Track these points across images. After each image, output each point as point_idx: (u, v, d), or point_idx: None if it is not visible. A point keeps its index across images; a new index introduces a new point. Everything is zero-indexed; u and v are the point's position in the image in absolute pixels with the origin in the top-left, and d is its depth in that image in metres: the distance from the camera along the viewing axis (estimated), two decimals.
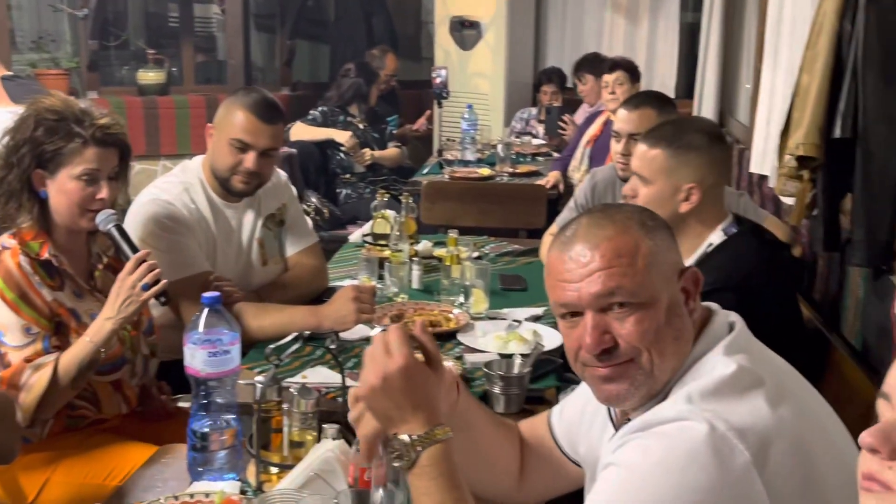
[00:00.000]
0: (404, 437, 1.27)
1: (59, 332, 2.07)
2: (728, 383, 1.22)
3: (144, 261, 2.06)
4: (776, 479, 1.16)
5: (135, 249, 2.13)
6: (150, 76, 6.53)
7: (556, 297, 1.32)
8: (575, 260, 1.28)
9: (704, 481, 1.14)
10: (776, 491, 1.16)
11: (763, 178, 3.45)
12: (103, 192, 2.09)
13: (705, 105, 4.94)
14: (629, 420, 1.30)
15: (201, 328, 1.67)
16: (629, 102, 2.98)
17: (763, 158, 3.34)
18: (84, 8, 6.36)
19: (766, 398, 1.21)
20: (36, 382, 1.96)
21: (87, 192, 2.08)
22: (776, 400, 1.21)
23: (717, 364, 1.25)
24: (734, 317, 1.35)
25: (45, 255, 2.08)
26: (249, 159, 2.50)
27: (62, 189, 2.08)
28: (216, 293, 1.70)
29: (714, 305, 1.37)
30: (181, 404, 2.42)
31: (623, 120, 2.88)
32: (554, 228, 3.25)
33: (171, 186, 2.57)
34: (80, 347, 2.01)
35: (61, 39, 6.68)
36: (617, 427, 1.35)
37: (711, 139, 2.18)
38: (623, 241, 1.28)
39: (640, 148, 2.17)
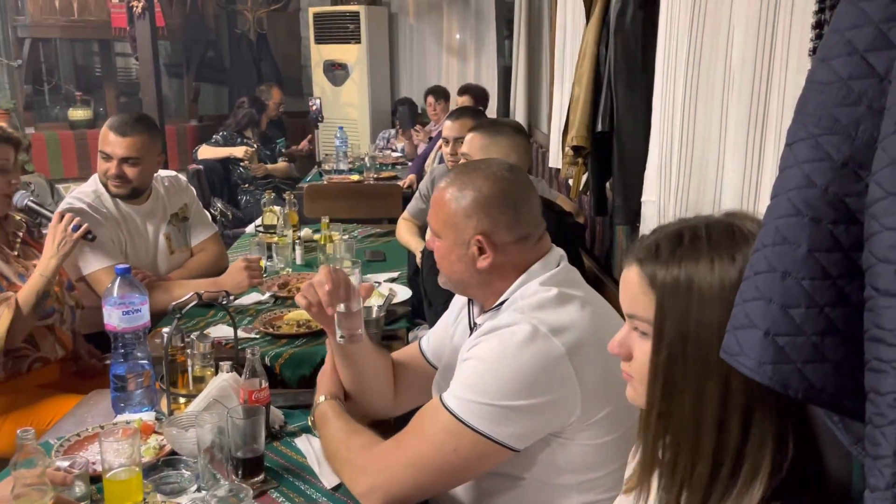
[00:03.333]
0: None
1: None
2: (548, 299, 1.28)
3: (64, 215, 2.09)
4: (584, 368, 1.23)
5: (50, 212, 2.16)
6: (79, 113, 6.21)
7: None
8: None
9: (530, 365, 1.21)
10: (583, 377, 1.22)
11: (558, 170, 3.58)
12: (12, 179, 2.07)
13: (518, 120, 5.07)
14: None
15: (115, 293, 1.62)
16: (452, 115, 3.05)
17: (557, 156, 3.46)
18: (18, 59, 5.97)
19: (577, 309, 1.28)
20: (3, 313, 1.91)
21: (2, 182, 2.04)
22: (583, 311, 1.28)
23: (539, 289, 1.30)
24: (562, 254, 1.41)
25: None
26: (112, 166, 2.43)
27: None
28: (127, 265, 1.66)
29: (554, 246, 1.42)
30: (107, 362, 2.35)
31: (448, 128, 2.94)
32: (406, 214, 3.30)
33: (83, 195, 2.46)
34: (34, 281, 1.99)
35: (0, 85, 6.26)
36: (472, 332, 1.40)
37: (516, 130, 2.26)
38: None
39: (467, 136, 2.23)
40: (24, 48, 6.15)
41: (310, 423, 1.52)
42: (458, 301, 1.57)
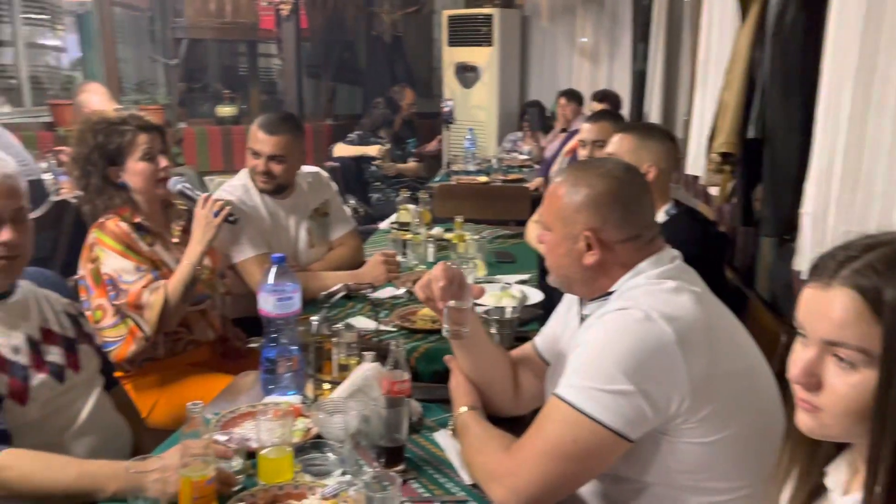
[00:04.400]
0: None
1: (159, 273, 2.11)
2: (661, 289, 1.28)
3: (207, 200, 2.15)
4: (693, 359, 1.21)
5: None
6: (226, 110, 6.56)
7: None
8: None
9: (639, 347, 1.21)
10: (692, 368, 1.21)
11: (695, 178, 3.47)
12: (164, 163, 2.15)
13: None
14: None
15: (271, 280, 1.70)
16: (592, 118, 3.01)
17: (695, 162, 3.36)
18: (175, 58, 6.40)
19: (690, 301, 1.27)
20: (154, 301, 2.01)
21: (151, 167, 2.12)
22: (698, 303, 1.27)
23: (649, 281, 1.31)
24: (677, 254, 1.40)
25: (137, 220, 2.13)
26: (260, 163, 2.53)
27: (135, 172, 2.12)
28: (282, 255, 1.74)
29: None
30: (252, 345, 2.47)
31: (587, 131, 2.91)
32: (536, 216, 3.29)
33: (232, 189, 2.59)
34: (181, 270, 2.07)
35: (157, 83, 6.73)
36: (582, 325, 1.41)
37: (666, 135, 2.21)
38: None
39: (615, 137, 2.20)
40: (181, 48, 6.60)
41: (450, 433, 1.55)
42: (569, 296, 1.57)
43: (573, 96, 5.71)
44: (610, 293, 1.35)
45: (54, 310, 1.65)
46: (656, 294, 1.27)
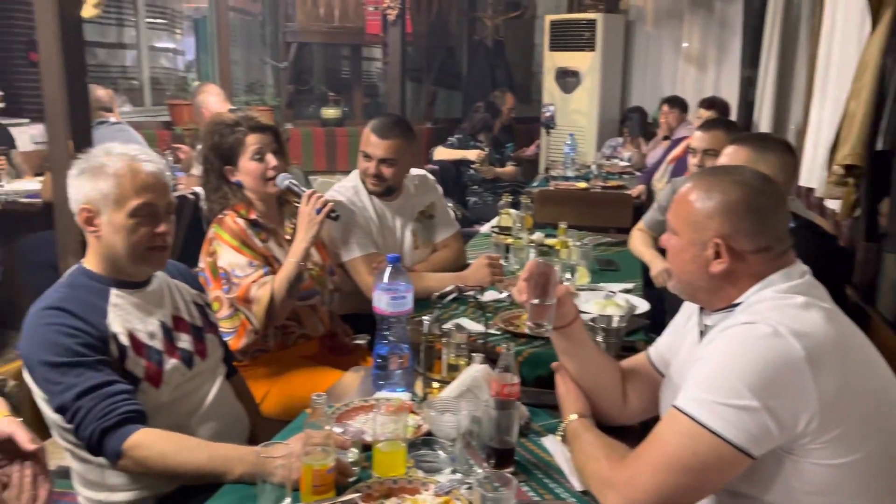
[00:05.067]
0: None
1: (271, 269, 2.18)
2: (791, 304, 1.25)
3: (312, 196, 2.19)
4: (823, 377, 1.17)
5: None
6: (330, 112, 6.74)
7: None
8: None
9: (767, 363, 1.17)
10: (822, 386, 1.17)
11: (809, 190, 3.34)
12: (273, 163, 2.21)
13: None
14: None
15: (386, 279, 1.74)
16: (704, 126, 2.94)
17: (810, 174, 3.23)
18: (284, 61, 6.63)
19: (821, 318, 1.23)
20: (261, 296, 2.08)
21: (261, 166, 2.20)
22: (828, 320, 1.23)
23: (778, 295, 1.27)
24: (807, 269, 1.35)
25: (253, 217, 2.21)
26: (371, 166, 2.58)
27: (246, 171, 2.21)
28: (397, 255, 1.78)
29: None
30: (358, 342, 2.54)
31: (698, 139, 2.84)
32: (641, 225, 3.24)
33: (343, 190, 2.66)
34: (287, 267, 2.13)
35: (266, 85, 6.99)
36: (702, 337, 1.38)
37: (786, 147, 2.13)
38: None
39: (729, 148, 2.14)
40: (291, 52, 6.84)
41: (559, 439, 1.55)
42: (688, 307, 1.54)
43: (677, 103, 5.60)
44: (735, 305, 1.31)
45: (184, 299, 1.75)
46: (785, 309, 1.23)
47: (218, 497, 1.35)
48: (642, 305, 2.38)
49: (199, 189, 3.53)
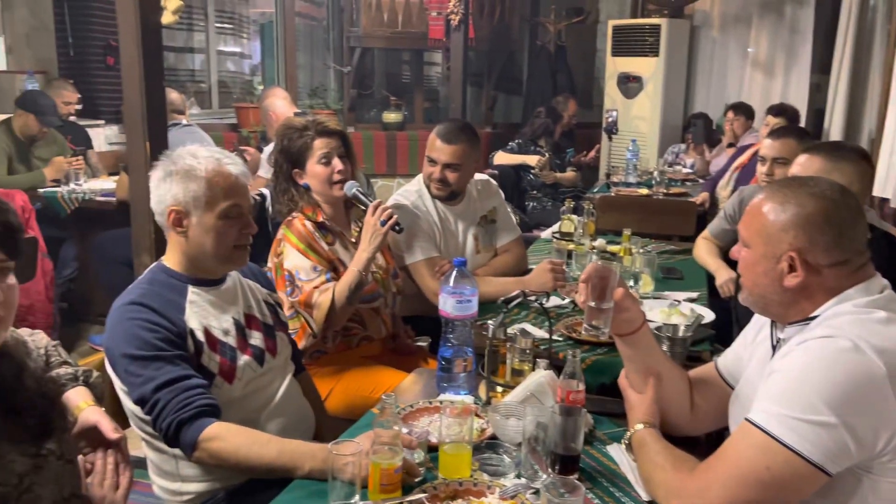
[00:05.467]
0: None
1: (334, 273, 2.22)
2: (871, 319, 1.21)
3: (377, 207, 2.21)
4: None
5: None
6: (391, 116, 6.82)
7: None
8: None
9: (847, 379, 1.15)
10: None
11: (884, 200, 3.23)
12: (339, 167, 2.25)
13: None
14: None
15: (451, 283, 1.76)
16: (774, 134, 2.87)
17: (885, 183, 3.13)
18: (348, 66, 6.74)
19: None
20: (322, 302, 2.11)
21: (327, 170, 2.24)
22: None
23: (857, 310, 1.24)
24: (886, 283, 1.32)
25: (320, 219, 2.25)
26: (436, 171, 2.59)
27: (313, 174, 2.25)
28: (463, 258, 1.79)
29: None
30: (419, 343, 2.57)
31: (768, 147, 2.78)
32: (706, 233, 3.19)
33: (407, 194, 2.70)
34: (349, 275, 2.15)
35: (329, 88, 7.11)
36: (775, 350, 1.36)
37: (861, 156, 2.08)
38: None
39: (801, 157, 2.09)
40: (354, 56, 6.94)
41: (623, 446, 1.54)
42: (758, 319, 1.51)
43: (743, 110, 5.49)
44: (811, 318, 1.29)
45: (256, 298, 1.80)
46: (865, 324, 1.20)
47: (287, 491, 1.38)
48: (708, 315, 2.34)
49: (264, 190, 3.62)
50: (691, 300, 2.58)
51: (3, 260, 1.05)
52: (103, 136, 5.44)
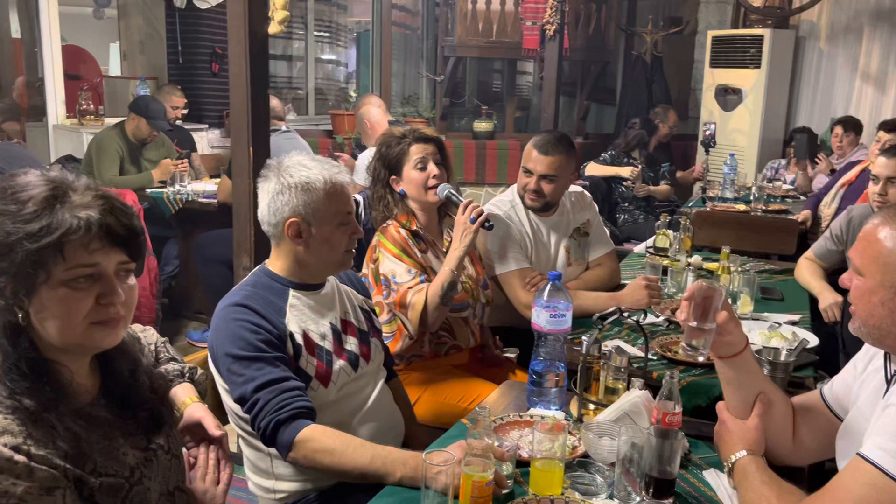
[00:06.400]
0: None
1: (427, 277, 2.23)
2: None
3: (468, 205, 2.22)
4: None
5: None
6: (482, 125, 6.85)
7: None
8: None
9: None
10: None
11: None
12: (434, 171, 2.27)
13: None
14: None
15: (545, 296, 1.74)
16: (888, 152, 2.73)
17: None
18: (441, 75, 6.81)
19: None
20: (416, 302, 2.14)
21: (423, 175, 2.27)
22: None
23: None
24: None
25: (414, 227, 2.28)
26: (532, 182, 2.57)
27: (409, 180, 2.28)
28: (558, 272, 1.77)
29: None
30: (507, 355, 2.55)
31: (882, 165, 2.64)
32: (810, 254, 3.05)
33: (501, 204, 2.69)
34: (442, 275, 2.17)
35: (421, 97, 7.20)
36: (889, 384, 1.29)
37: None
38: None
39: None
40: (448, 66, 7.01)
41: (725, 471, 1.48)
42: (869, 350, 1.42)
43: (851, 125, 5.23)
44: None
45: (352, 304, 1.83)
46: None
47: (379, 497, 1.40)
48: (812, 340, 2.24)
49: (358, 197, 3.69)
50: (792, 323, 2.47)
51: (126, 262, 1.11)
52: (206, 140, 5.68)
